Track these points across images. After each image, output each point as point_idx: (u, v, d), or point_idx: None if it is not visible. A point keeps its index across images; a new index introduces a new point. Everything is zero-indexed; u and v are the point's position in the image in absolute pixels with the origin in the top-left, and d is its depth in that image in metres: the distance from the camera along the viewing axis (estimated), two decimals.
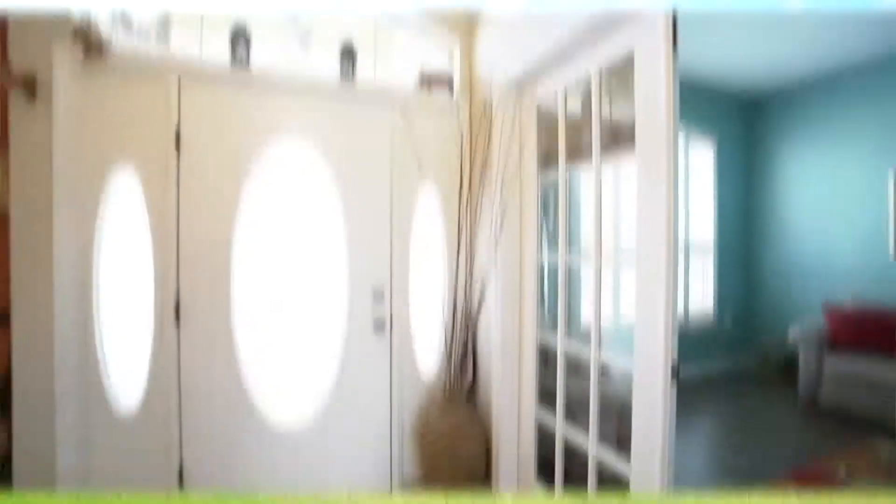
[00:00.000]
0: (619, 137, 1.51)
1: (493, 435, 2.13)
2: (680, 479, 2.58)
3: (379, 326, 2.18)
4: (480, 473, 2.10)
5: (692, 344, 4.41)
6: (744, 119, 4.73)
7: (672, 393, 1.24)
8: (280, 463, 2.03)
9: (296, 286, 2.12)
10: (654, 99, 1.27)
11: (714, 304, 4.57)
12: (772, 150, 4.54)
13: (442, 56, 2.47)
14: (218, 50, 1.99)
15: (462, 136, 2.29)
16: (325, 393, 2.12)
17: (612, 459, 1.50)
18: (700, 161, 4.52)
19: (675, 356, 1.23)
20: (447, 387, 2.20)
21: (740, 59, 4.00)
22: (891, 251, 3.65)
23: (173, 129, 1.84)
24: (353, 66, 2.15)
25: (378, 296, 2.19)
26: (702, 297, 4.57)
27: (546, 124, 1.94)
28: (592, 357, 1.58)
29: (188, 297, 1.87)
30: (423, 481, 2.24)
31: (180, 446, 1.86)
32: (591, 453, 1.59)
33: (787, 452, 2.77)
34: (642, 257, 1.32)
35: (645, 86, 1.31)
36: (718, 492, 1.33)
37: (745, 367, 4.64)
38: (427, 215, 2.35)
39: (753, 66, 4.13)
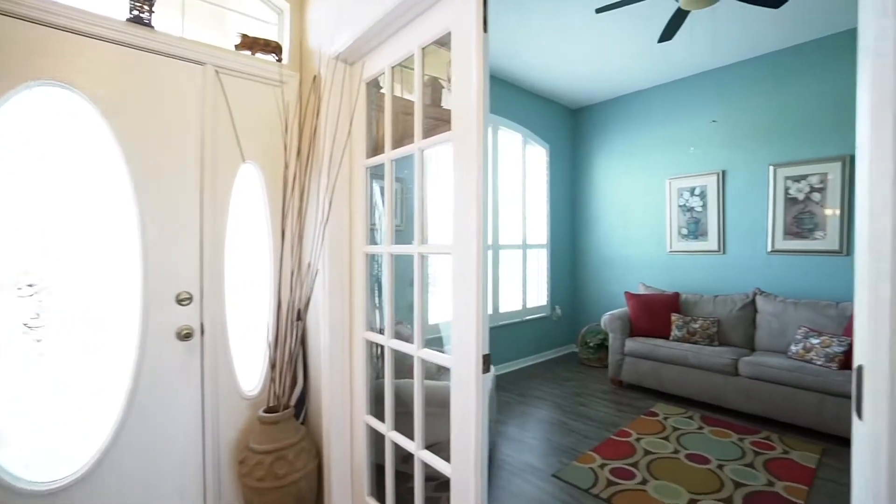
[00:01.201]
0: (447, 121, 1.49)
1: (323, 450, 1.97)
2: (515, 462, 2.79)
3: (185, 337, 1.82)
4: (312, 496, 1.91)
5: (532, 334, 4.87)
6: (571, 129, 5.43)
7: (484, 386, 1.25)
8: None
9: (66, 292, 1.64)
10: (466, 80, 1.27)
11: (547, 297, 5.12)
12: (590, 156, 5.28)
13: (270, 18, 2.22)
14: None
15: (288, 110, 2.08)
16: (110, 427, 1.68)
17: (441, 463, 1.47)
18: (536, 165, 5.02)
19: (487, 349, 1.25)
20: (272, 401, 1.96)
21: (569, 75, 4.55)
22: (667, 246, 4.56)
23: None
24: (150, 9, 1.75)
25: (184, 299, 1.83)
26: (537, 290, 5.07)
27: (379, 103, 1.87)
28: (415, 356, 1.53)
29: None
30: None
31: None
32: (417, 458, 1.54)
33: (599, 426, 3.19)
34: (456, 248, 1.31)
35: (459, 66, 1.31)
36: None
37: (571, 353, 5.31)
38: (248, 200, 2.06)
39: (579, 81, 4.74)
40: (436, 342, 2.97)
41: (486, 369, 1.25)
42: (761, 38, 3.59)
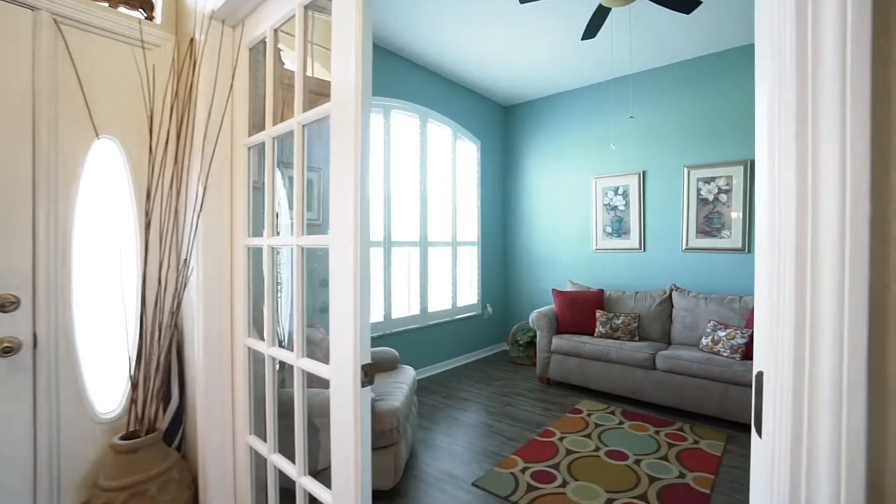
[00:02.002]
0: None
1: (199, 478, 1.67)
2: (435, 471, 2.63)
3: (5, 351, 1.45)
4: None
5: (462, 333, 4.76)
6: (502, 125, 5.39)
7: (363, 400, 1.05)
8: None
9: None
10: (346, 41, 1.07)
11: (478, 295, 5.03)
12: (522, 154, 5.27)
13: None
14: None
15: (157, 79, 1.76)
16: None
17: (321, 490, 1.26)
18: (467, 161, 4.91)
19: (367, 359, 1.05)
20: (134, 424, 1.63)
21: (500, 71, 4.48)
22: (592, 244, 4.65)
23: None
24: None
25: (7, 304, 1.46)
26: (469, 288, 4.97)
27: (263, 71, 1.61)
28: (295, 366, 1.31)
29: None
30: None
31: None
32: (298, 486, 1.32)
33: (524, 427, 3.12)
34: (334, 241, 1.10)
35: (340, 24, 1.10)
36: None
37: (502, 351, 5.28)
38: (107, 183, 1.71)
39: (510, 78, 4.69)
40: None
41: (367, 381, 1.06)
42: (676, 47, 3.73)
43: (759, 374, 0.54)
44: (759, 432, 0.53)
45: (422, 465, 2.59)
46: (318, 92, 1.63)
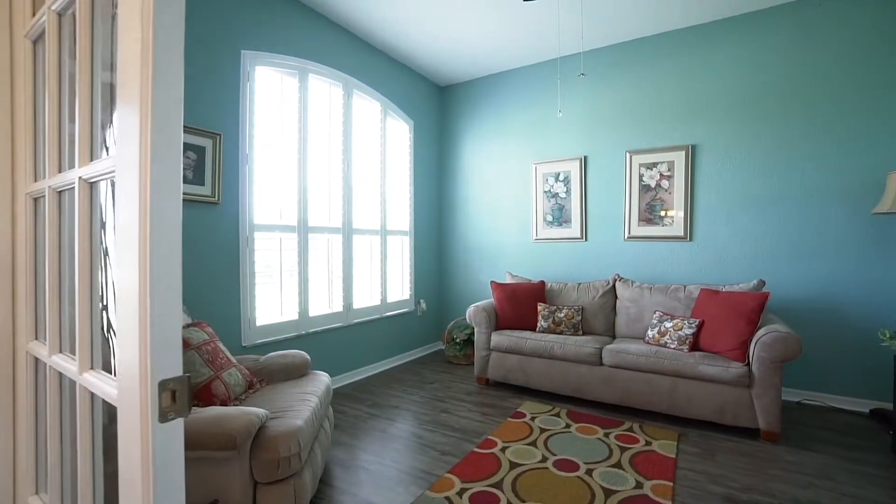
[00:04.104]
0: None
1: None
2: (351, 501, 2.14)
3: None
4: None
5: (393, 332, 4.28)
6: (438, 105, 4.97)
7: (163, 443, 0.56)
8: None
9: None
10: None
11: (411, 290, 4.57)
12: (459, 136, 4.88)
13: None
14: None
15: None
16: None
17: None
18: (398, 141, 4.44)
19: (177, 370, 0.56)
20: None
21: (436, 46, 4.05)
22: (532, 234, 4.38)
23: None
24: None
25: None
26: (400, 282, 4.50)
27: None
28: (78, 383, 0.77)
29: None
30: None
31: None
32: None
33: (462, 437, 2.71)
34: (120, 164, 0.60)
35: None
36: None
37: (438, 351, 4.86)
38: None
39: (446, 54, 4.28)
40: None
41: (173, 410, 0.56)
42: (618, 27, 3.55)
43: None
44: None
45: (336, 493, 2.08)
46: None
